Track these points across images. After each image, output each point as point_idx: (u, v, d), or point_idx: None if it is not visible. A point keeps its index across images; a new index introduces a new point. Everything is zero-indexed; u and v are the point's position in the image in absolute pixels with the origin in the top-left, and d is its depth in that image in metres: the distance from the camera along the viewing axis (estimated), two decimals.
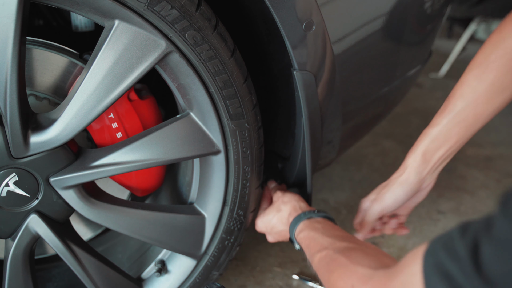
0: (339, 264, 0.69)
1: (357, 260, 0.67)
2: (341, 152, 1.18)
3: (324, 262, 0.75)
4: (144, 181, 0.99)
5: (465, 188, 1.77)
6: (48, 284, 1.10)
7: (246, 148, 0.91)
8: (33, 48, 0.85)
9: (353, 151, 1.93)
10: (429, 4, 1.00)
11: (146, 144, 0.84)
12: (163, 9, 0.74)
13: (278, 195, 1.07)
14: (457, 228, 0.44)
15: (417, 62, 1.15)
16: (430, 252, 0.46)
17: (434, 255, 0.45)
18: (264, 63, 1.02)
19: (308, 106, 0.92)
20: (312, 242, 0.85)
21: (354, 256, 0.69)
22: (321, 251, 0.78)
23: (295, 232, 0.94)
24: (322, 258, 0.77)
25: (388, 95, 1.12)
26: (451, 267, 0.41)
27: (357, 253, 0.70)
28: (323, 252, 0.78)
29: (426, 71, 3.21)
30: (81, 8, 0.73)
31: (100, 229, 1.15)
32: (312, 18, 0.83)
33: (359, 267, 0.64)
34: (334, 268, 0.69)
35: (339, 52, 0.90)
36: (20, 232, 0.85)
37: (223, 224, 0.98)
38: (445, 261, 0.42)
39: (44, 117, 0.79)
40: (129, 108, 0.90)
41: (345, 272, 0.65)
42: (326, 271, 0.72)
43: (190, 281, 1.02)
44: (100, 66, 0.76)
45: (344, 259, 0.69)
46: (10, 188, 0.81)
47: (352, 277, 0.63)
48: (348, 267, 0.66)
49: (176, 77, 0.82)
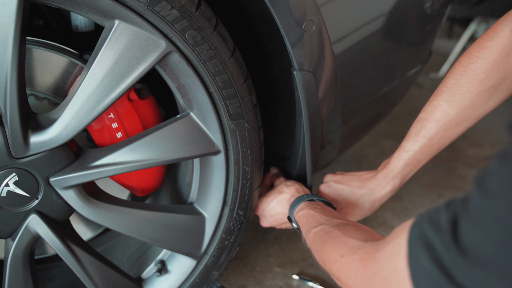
0: (331, 236, 0.71)
1: (350, 233, 0.69)
2: (341, 152, 1.18)
3: (319, 235, 0.76)
4: (144, 181, 0.99)
5: (465, 188, 1.77)
6: (48, 284, 1.10)
7: (246, 148, 0.91)
8: (33, 48, 0.85)
9: (353, 151, 1.93)
10: (429, 4, 1.00)
11: (146, 144, 0.84)
12: (163, 9, 0.74)
13: (281, 180, 1.09)
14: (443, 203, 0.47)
15: (417, 62, 1.15)
16: (416, 224, 0.48)
17: (419, 227, 0.47)
18: (264, 63, 1.02)
19: (308, 106, 0.92)
20: (310, 219, 0.86)
21: (347, 229, 0.71)
22: (317, 226, 0.80)
23: (294, 211, 0.95)
24: (317, 232, 0.78)
25: (388, 95, 1.12)
26: (433, 237, 0.44)
27: (350, 227, 0.72)
28: (319, 227, 0.79)
29: (426, 71, 3.21)
30: (81, 8, 0.73)
31: (100, 229, 1.15)
32: (312, 18, 0.83)
33: (350, 238, 0.66)
34: (326, 240, 0.71)
35: (339, 52, 0.90)
36: (20, 232, 0.85)
37: (223, 224, 0.98)
38: (429, 232, 0.45)
39: (44, 117, 0.79)
40: (129, 108, 0.90)
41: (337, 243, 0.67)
42: (319, 243, 0.73)
43: (190, 281, 1.02)
44: (100, 66, 0.76)
45: (337, 231, 0.71)
46: (10, 188, 0.81)
47: (343, 247, 0.65)
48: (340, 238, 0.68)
49: (176, 77, 0.82)
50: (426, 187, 1.72)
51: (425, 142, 0.91)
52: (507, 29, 0.79)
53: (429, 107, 0.90)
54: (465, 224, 0.42)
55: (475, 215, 0.41)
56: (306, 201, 0.95)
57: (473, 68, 0.83)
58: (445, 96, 0.87)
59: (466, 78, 0.84)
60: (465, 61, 0.85)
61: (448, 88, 0.87)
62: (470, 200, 0.42)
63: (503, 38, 0.79)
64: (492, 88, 0.83)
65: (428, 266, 0.44)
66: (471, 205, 0.42)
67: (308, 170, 1.05)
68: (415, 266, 0.46)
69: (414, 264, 0.46)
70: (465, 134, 0.98)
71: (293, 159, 1.10)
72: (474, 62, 0.83)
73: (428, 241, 0.45)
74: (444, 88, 0.88)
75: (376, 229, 1.48)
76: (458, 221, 0.43)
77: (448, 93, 0.87)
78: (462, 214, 0.43)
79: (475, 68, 0.83)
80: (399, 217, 1.55)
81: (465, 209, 0.43)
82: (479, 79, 0.83)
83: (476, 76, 0.83)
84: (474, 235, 0.41)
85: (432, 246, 0.44)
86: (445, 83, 0.88)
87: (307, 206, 0.93)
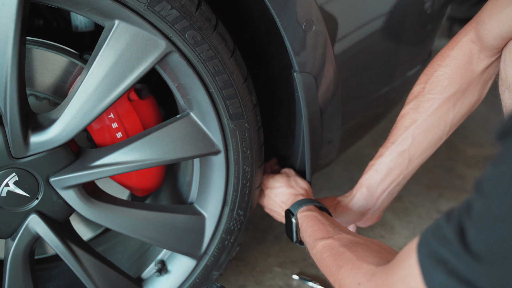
0: (345, 259, 0.72)
1: (362, 256, 0.70)
2: (341, 152, 1.18)
3: (329, 253, 0.76)
4: (144, 181, 0.99)
5: (465, 188, 1.77)
6: (48, 284, 1.10)
7: (246, 148, 0.91)
8: (33, 48, 0.85)
9: (353, 151, 1.93)
10: (429, 4, 1.00)
11: (146, 144, 0.84)
12: (163, 9, 0.74)
13: (292, 172, 1.08)
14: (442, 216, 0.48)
15: (417, 62, 1.15)
16: (422, 243, 0.49)
17: (426, 245, 0.48)
18: (264, 63, 1.02)
19: (309, 108, 0.92)
20: (317, 225, 0.86)
21: (360, 251, 0.71)
22: (326, 239, 0.80)
23: (299, 209, 0.95)
24: (326, 247, 0.78)
25: (388, 95, 1.12)
26: (443, 252, 0.45)
27: (362, 248, 0.73)
28: (328, 240, 0.79)
29: None
30: (81, 8, 0.73)
31: (100, 229, 1.15)
32: (312, 18, 0.82)
33: (364, 263, 0.67)
34: (341, 264, 0.72)
35: (339, 52, 0.90)
36: (20, 232, 0.85)
37: (223, 224, 0.98)
38: (437, 247, 0.46)
39: (44, 117, 0.79)
40: (129, 108, 0.90)
41: (352, 268, 0.68)
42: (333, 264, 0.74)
43: (190, 281, 1.02)
44: (100, 66, 0.76)
45: (351, 254, 0.72)
46: (10, 188, 0.81)
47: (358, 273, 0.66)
48: (355, 263, 0.69)
49: (176, 77, 0.82)
50: (426, 187, 1.72)
51: (393, 148, 0.93)
52: (467, 39, 0.84)
53: (399, 117, 0.94)
54: (472, 231, 0.43)
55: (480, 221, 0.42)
56: (314, 205, 0.95)
57: (437, 75, 0.88)
58: (412, 104, 0.92)
59: (430, 85, 0.89)
60: (429, 70, 0.90)
61: (415, 96, 0.92)
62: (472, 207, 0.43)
63: (463, 47, 0.85)
64: (457, 93, 0.87)
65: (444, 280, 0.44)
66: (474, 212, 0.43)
67: (307, 172, 1.04)
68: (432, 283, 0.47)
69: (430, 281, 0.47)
70: (465, 134, 0.98)
71: (292, 159, 1.10)
72: (436, 70, 0.88)
73: (438, 257, 0.46)
74: (411, 97, 0.93)
75: (376, 229, 1.48)
76: (464, 230, 0.44)
77: (415, 101, 0.91)
78: (467, 222, 0.44)
79: (438, 75, 0.88)
80: (399, 217, 1.55)
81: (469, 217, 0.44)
82: (443, 85, 0.87)
83: (439, 83, 0.88)
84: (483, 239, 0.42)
85: (444, 260, 0.45)
86: (412, 92, 0.93)
87: (315, 209, 0.93)
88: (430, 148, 0.93)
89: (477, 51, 0.84)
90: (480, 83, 0.87)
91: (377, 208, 1.00)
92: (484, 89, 0.89)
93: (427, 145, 0.92)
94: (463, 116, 0.91)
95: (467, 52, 0.85)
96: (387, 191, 0.97)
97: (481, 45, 0.82)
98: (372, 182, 0.97)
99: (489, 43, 0.80)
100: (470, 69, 0.85)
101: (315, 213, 0.91)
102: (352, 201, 1.00)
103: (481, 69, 0.85)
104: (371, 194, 0.98)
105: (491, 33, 0.78)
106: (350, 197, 1.00)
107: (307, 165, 1.02)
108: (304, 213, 0.92)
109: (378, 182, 0.96)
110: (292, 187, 1.03)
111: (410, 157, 0.93)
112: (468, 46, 0.84)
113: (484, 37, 0.80)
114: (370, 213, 1.02)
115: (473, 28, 0.83)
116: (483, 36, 0.80)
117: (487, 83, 0.89)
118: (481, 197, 0.43)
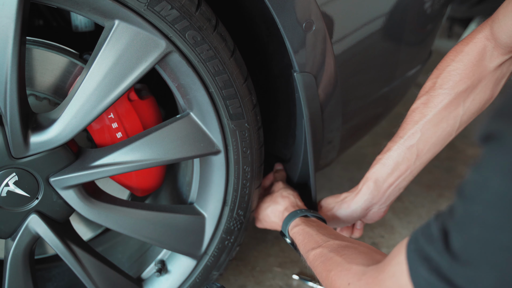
0: (334, 263, 0.73)
1: (351, 258, 0.71)
2: (341, 152, 1.18)
3: (320, 260, 0.78)
4: (144, 181, 0.99)
5: None
6: (48, 284, 1.10)
7: (246, 148, 0.91)
8: (33, 48, 0.85)
9: (353, 151, 1.93)
10: (429, 4, 1.00)
11: (146, 144, 0.84)
12: (163, 9, 0.74)
13: (279, 186, 1.09)
14: (433, 215, 0.51)
15: (417, 62, 1.15)
16: (412, 240, 0.52)
17: (415, 242, 0.51)
18: (264, 63, 1.02)
19: (309, 108, 0.92)
20: (306, 238, 0.87)
21: (348, 254, 0.73)
22: (316, 249, 0.81)
23: (289, 226, 0.96)
24: (317, 255, 0.80)
25: (388, 95, 1.12)
26: (429, 249, 0.48)
27: (350, 251, 0.74)
28: (318, 249, 0.81)
29: (426, 71, 3.21)
30: (81, 8, 0.73)
31: (100, 229, 1.15)
32: (312, 18, 0.82)
33: (353, 265, 0.69)
34: (330, 268, 0.73)
35: (339, 52, 0.90)
36: (20, 232, 0.85)
37: (223, 224, 0.98)
38: (424, 245, 0.49)
39: (44, 117, 0.79)
40: (129, 108, 0.90)
41: (341, 271, 0.70)
42: (323, 270, 0.75)
43: (190, 281, 1.02)
44: (100, 66, 0.76)
45: (339, 258, 0.73)
46: (10, 188, 0.81)
47: (347, 275, 0.68)
48: (344, 265, 0.70)
49: (176, 77, 0.82)
50: (426, 187, 1.72)
51: (402, 143, 0.92)
52: (481, 36, 0.84)
53: (409, 111, 0.93)
54: (453, 232, 0.46)
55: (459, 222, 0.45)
56: (300, 217, 0.95)
57: (448, 70, 0.87)
58: (423, 98, 0.91)
59: (441, 80, 0.88)
60: (441, 65, 0.89)
61: (426, 91, 0.91)
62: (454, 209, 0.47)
63: (477, 43, 0.84)
64: (468, 89, 0.86)
65: (428, 277, 0.47)
66: (455, 213, 0.46)
67: (311, 174, 1.03)
68: (417, 279, 0.49)
69: (416, 278, 0.49)
70: (465, 134, 0.98)
71: (294, 161, 1.09)
72: (449, 64, 0.88)
73: (424, 254, 0.48)
74: (423, 91, 0.92)
75: (376, 229, 1.48)
76: (447, 230, 0.47)
77: (426, 96, 0.90)
78: (449, 223, 0.47)
79: (450, 70, 0.87)
80: (399, 217, 1.55)
81: (451, 218, 0.47)
82: (454, 80, 0.86)
83: (451, 78, 0.87)
84: (461, 239, 0.45)
85: (429, 258, 0.47)
86: (424, 87, 0.92)
87: (302, 222, 0.93)
88: (439, 143, 0.91)
89: (490, 48, 0.83)
90: (492, 81, 0.87)
91: (383, 202, 0.99)
92: (496, 87, 0.88)
93: (435, 140, 0.90)
94: (474, 114, 0.90)
95: (480, 48, 0.84)
96: (394, 186, 0.96)
97: (495, 43, 0.82)
98: (379, 176, 0.95)
99: (503, 41, 0.80)
100: (483, 65, 0.85)
101: (301, 226, 0.91)
102: (358, 195, 0.99)
103: (494, 66, 0.85)
104: (377, 188, 0.97)
105: (505, 31, 0.78)
106: (356, 192, 0.99)
107: (311, 167, 1.02)
108: (293, 230, 0.93)
109: (385, 177, 0.95)
110: (278, 203, 1.03)
111: (418, 152, 0.92)
112: (482, 43, 0.84)
113: (498, 34, 0.80)
114: (375, 208, 1.01)
115: (489, 26, 0.83)
116: (497, 34, 0.80)
117: (500, 82, 0.88)
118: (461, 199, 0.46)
